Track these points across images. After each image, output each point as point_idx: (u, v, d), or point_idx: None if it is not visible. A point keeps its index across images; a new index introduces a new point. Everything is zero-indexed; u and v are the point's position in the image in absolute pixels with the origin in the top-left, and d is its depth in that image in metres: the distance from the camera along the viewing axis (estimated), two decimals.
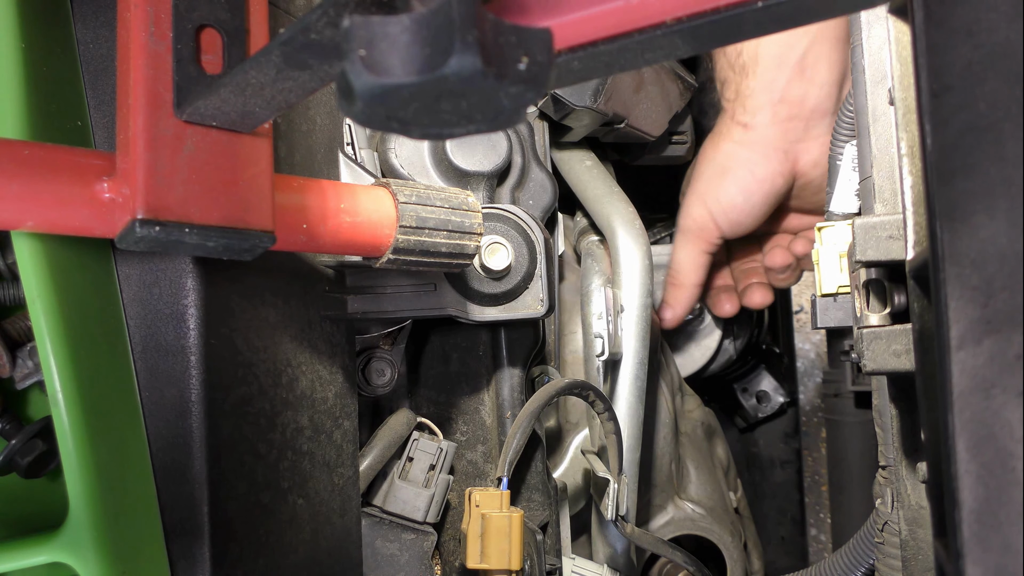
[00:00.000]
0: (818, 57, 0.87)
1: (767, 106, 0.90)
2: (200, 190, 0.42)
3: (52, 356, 0.46)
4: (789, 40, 0.87)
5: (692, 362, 1.18)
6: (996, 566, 0.35)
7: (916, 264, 0.51)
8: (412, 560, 0.69)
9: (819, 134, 0.90)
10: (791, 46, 0.88)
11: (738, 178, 0.93)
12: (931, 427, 0.50)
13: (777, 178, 0.92)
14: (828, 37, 0.87)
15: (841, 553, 0.81)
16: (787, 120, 0.90)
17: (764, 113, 0.90)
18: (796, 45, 0.87)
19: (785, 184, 0.93)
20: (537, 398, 0.69)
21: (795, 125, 0.90)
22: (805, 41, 0.87)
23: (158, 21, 0.41)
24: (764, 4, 0.32)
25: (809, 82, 0.88)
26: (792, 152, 0.91)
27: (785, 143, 0.91)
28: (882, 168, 0.64)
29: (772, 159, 0.91)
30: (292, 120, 0.61)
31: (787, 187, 0.93)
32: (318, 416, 0.62)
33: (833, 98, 0.89)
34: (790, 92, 0.89)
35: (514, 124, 0.28)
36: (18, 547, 0.47)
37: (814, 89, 0.88)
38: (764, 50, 0.89)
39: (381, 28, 0.26)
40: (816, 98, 0.88)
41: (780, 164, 0.91)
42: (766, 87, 0.89)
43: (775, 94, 0.89)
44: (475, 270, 0.68)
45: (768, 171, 0.92)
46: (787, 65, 0.88)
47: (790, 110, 0.89)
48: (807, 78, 0.88)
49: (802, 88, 0.88)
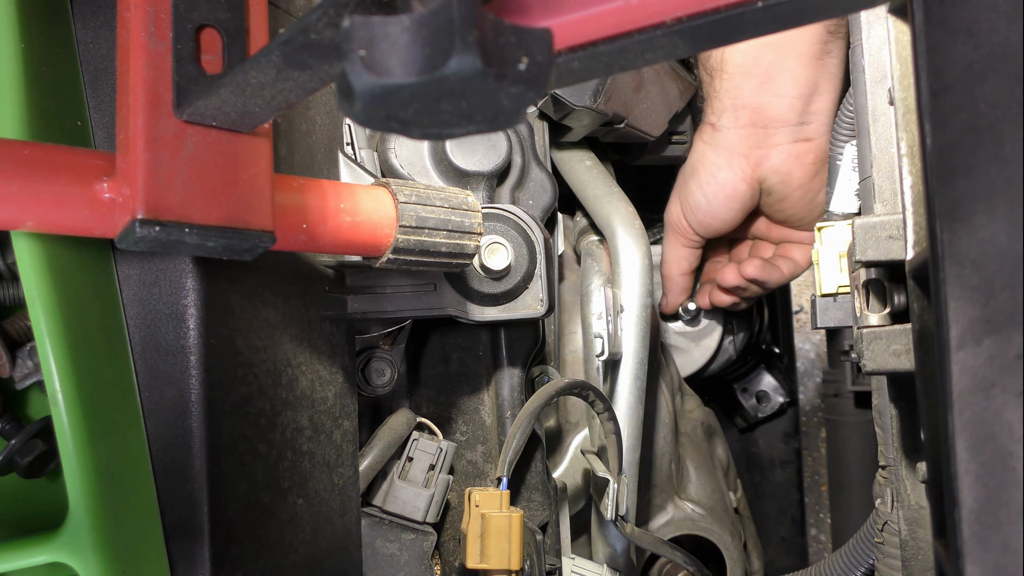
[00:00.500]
0: (782, 70, 0.89)
1: (730, 109, 0.92)
2: (200, 190, 0.42)
3: (52, 356, 0.46)
4: (755, 52, 0.89)
5: (692, 362, 1.18)
6: (996, 566, 0.35)
7: (916, 264, 0.51)
8: (412, 560, 0.69)
9: (780, 142, 0.91)
10: (756, 58, 0.89)
11: (701, 180, 0.95)
12: (931, 427, 0.50)
13: (739, 183, 0.94)
14: (796, 52, 0.88)
15: (841, 553, 0.81)
16: (749, 125, 0.91)
17: (728, 115, 0.92)
18: (761, 57, 0.89)
19: (749, 190, 0.94)
20: (537, 398, 0.69)
21: (756, 131, 0.91)
22: (771, 54, 0.89)
23: (158, 21, 0.41)
24: (764, 4, 0.32)
25: (771, 93, 0.90)
26: (753, 157, 0.92)
27: (746, 148, 0.92)
28: (882, 168, 0.64)
29: (734, 164, 0.93)
30: (292, 120, 0.61)
31: (751, 193, 0.95)
32: (318, 416, 0.62)
33: (796, 110, 0.90)
34: (752, 99, 0.90)
35: (514, 124, 0.28)
36: (18, 547, 0.47)
37: (775, 100, 0.90)
38: (730, 57, 0.91)
39: (381, 28, 0.26)
40: (777, 108, 0.90)
41: (741, 169, 0.93)
42: (730, 91, 0.91)
43: (738, 99, 0.91)
44: (475, 270, 0.68)
45: (730, 176, 0.93)
46: (751, 74, 0.90)
47: (751, 116, 0.91)
48: (769, 89, 0.89)
49: (764, 97, 0.90)
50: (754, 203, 0.96)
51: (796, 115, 0.90)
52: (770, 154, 0.92)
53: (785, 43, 0.88)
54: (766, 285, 1.00)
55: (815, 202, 0.95)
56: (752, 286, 1.01)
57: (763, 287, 1.01)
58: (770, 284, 1.00)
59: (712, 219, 0.97)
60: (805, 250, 1.01)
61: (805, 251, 1.01)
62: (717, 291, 1.06)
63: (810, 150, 0.91)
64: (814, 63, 0.88)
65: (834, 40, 0.87)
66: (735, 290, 1.03)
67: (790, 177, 0.92)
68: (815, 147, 0.91)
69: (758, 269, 0.98)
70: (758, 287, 1.01)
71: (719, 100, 0.92)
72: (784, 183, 0.93)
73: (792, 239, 1.01)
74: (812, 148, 0.91)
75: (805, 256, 1.01)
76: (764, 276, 0.98)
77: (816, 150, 0.91)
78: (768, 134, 0.91)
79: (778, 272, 0.99)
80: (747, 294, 1.04)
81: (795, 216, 0.97)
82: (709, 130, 0.94)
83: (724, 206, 0.95)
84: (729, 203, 0.95)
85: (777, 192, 0.94)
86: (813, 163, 0.92)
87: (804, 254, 1.01)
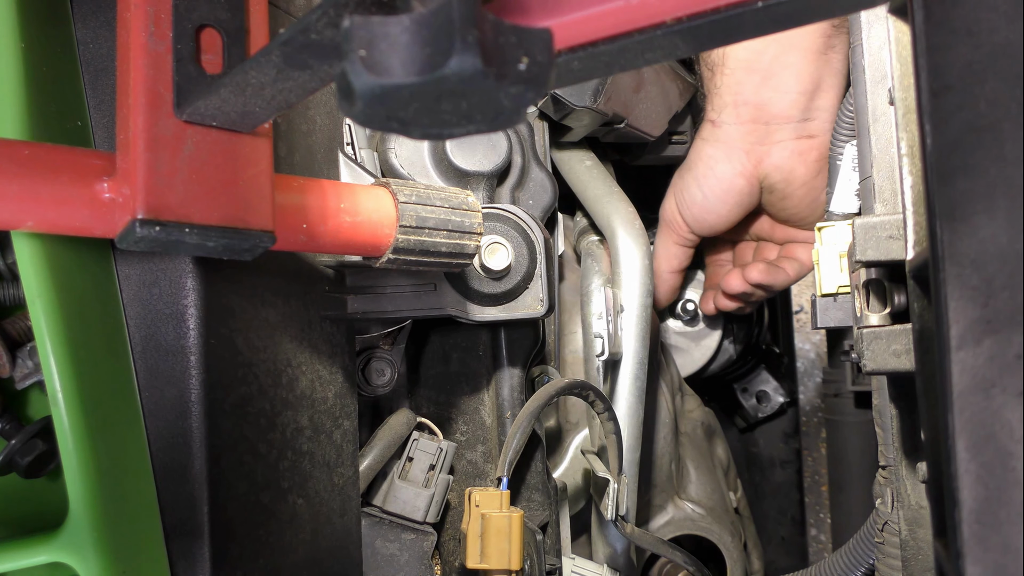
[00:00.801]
0: (785, 66, 0.87)
1: (730, 105, 0.90)
2: (200, 190, 0.42)
3: (52, 356, 0.46)
4: (758, 47, 0.87)
5: (692, 362, 1.18)
6: (996, 566, 0.35)
7: (916, 264, 0.51)
8: (412, 560, 0.69)
9: (782, 139, 0.89)
10: (759, 52, 0.88)
11: (698, 174, 0.93)
12: (931, 427, 0.50)
13: (737, 178, 0.91)
14: (799, 47, 0.86)
15: (841, 553, 0.81)
16: (750, 122, 0.89)
17: (728, 111, 0.90)
18: (764, 52, 0.87)
19: (747, 185, 0.92)
20: (537, 398, 0.69)
21: (757, 128, 0.90)
22: (774, 49, 0.87)
23: (158, 21, 0.41)
24: (764, 4, 0.32)
25: (773, 89, 0.88)
26: (754, 153, 0.90)
27: (746, 144, 0.90)
28: (882, 168, 0.64)
29: (733, 158, 0.91)
30: (292, 120, 0.61)
31: (749, 189, 0.92)
32: (318, 416, 0.62)
33: (799, 106, 0.88)
34: (754, 95, 0.89)
35: (514, 124, 0.28)
36: (18, 547, 0.47)
37: (778, 96, 0.88)
38: (732, 52, 0.89)
39: (381, 28, 0.26)
40: (779, 105, 0.88)
41: (740, 164, 0.91)
42: (731, 87, 0.90)
43: (739, 95, 0.89)
44: (475, 270, 0.68)
45: (728, 169, 0.91)
46: (753, 70, 0.88)
47: (753, 112, 0.89)
48: (772, 85, 0.88)
49: (766, 93, 0.88)
50: (752, 201, 0.94)
51: (799, 111, 0.88)
52: (772, 151, 0.90)
53: (788, 38, 0.86)
54: (771, 288, 0.99)
55: (819, 200, 0.92)
56: (757, 291, 0.99)
57: (768, 291, 1.00)
58: (776, 287, 0.98)
59: (707, 214, 0.94)
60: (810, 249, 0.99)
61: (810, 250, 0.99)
62: (722, 297, 1.04)
63: (813, 147, 0.89)
64: (818, 58, 0.86)
65: (838, 35, 0.86)
66: (740, 296, 1.01)
67: (792, 175, 0.91)
68: (818, 144, 0.89)
69: (763, 273, 0.96)
70: (763, 291, 0.99)
71: (720, 96, 0.91)
72: (786, 181, 0.91)
73: (796, 239, 0.99)
74: (815, 145, 0.89)
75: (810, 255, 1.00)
76: (769, 280, 0.96)
77: (819, 147, 0.89)
78: (770, 130, 0.89)
79: (783, 274, 0.97)
80: (753, 299, 1.02)
81: (798, 215, 0.95)
82: (709, 127, 0.92)
83: (720, 200, 0.93)
84: (725, 197, 0.93)
85: (779, 190, 0.92)
86: (816, 160, 0.90)
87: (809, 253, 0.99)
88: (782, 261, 0.99)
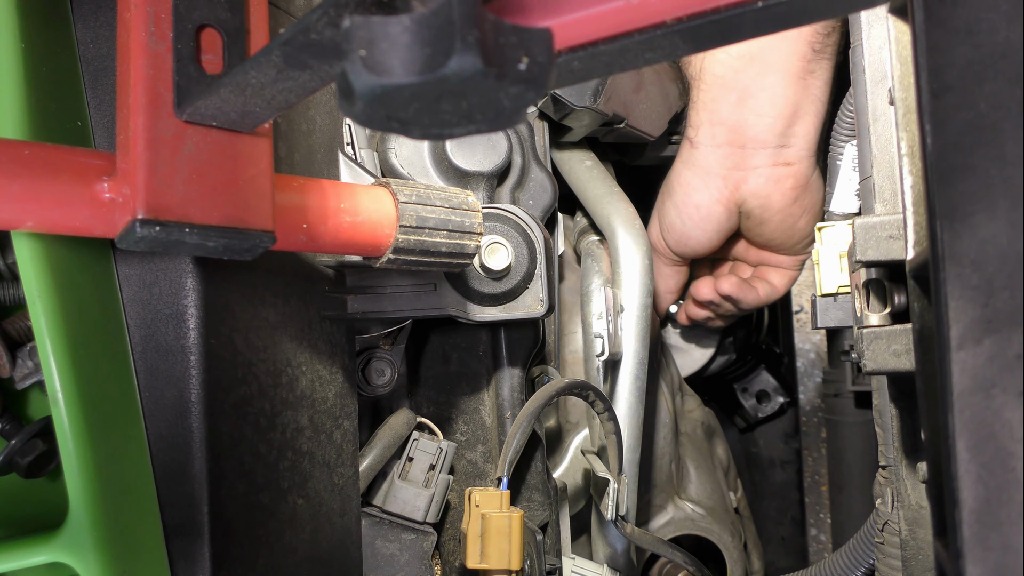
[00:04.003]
0: (763, 87, 0.84)
1: (706, 123, 0.87)
2: (200, 190, 0.42)
3: (52, 356, 0.46)
4: (735, 64, 0.85)
5: (692, 362, 1.19)
6: (996, 566, 0.35)
7: (916, 264, 0.51)
8: (412, 560, 0.69)
9: (758, 164, 0.87)
10: (737, 71, 0.84)
11: (677, 201, 0.92)
12: (931, 427, 0.50)
13: (714, 205, 0.89)
14: (777, 70, 0.83)
15: (841, 553, 0.81)
16: (726, 144, 0.87)
17: (704, 131, 0.88)
18: (741, 71, 0.84)
19: (725, 212, 0.90)
20: (537, 398, 0.69)
21: (733, 151, 0.87)
22: (752, 69, 0.84)
23: (158, 21, 0.41)
24: (764, 4, 0.32)
25: (750, 111, 0.85)
26: (731, 179, 0.88)
27: (723, 169, 0.88)
28: (882, 168, 0.64)
29: (710, 185, 0.89)
30: (292, 120, 0.61)
31: (727, 215, 0.91)
32: (318, 416, 0.62)
33: (775, 131, 0.85)
34: (729, 115, 0.86)
35: (514, 124, 0.28)
36: (18, 547, 0.47)
37: (754, 118, 0.85)
38: (709, 67, 0.86)
39: (381, 28, 0.26)
40: (756, 128, 0.85)
41: (718, 191, 0.89)
42: (707, 104, 0.87)
43: (715, 114, 0.87)
44: (475, 270, 0.68)
45: (705, 197, 0.89)
46: (730, 88, 0.85)
47: (728, 135, 0.86)
48: (748, 106, 0.85)
49: (742, 115, 0.85)
50: (732, 225, 0.93)
51: (775, 136, 0.85)
52: (749, 177, 0.87)
53: (766, 58, 0.84)
54: (740, 304, 0.98)
55: (795, 228, 0.91)
56: (726, 303, 0.98)
57: (737, 306, 0.99)
58: (744, 303, 0.97)
59: (687, 239, 0.93)
60: (783, 274, 0.98)
61: (783, 275, 0.98)
62: (691, 304, 1.04)
63: (789, 175, 0.87)
64: (796, 83, 0.84)
65: (818, 60, 0.83)
66: (708, 305, 1.00)
67: (769, 201, 0.88)
68: (795, 172, 0.87)
69: (733, 287, 0.95)
70: (732, 305, 0.98)
71: (696, 113, 0.88)
72: (763, 207, 0.89)
73: (769, 262, 0.98)
74: (791, 173, 0.87)
75: (782, 280, 0.98)
76: (739, 294, 0.95)
77: (796, 175, 0.87)
78: (746, 155, 0.87)
79: (753, 293, 0.96)
80: (721, 311, 1.01)
81: (774, 241, 0.94)
82: (687, 147, 0.90)
83: (698, 228, 0.92)
84: (704, 224, 0.91)
85: (756, 216, 0.90)
86: (793, 188, 0.88)
87: (781, 278, 0.98)
88: (755, 281, 0.98)
